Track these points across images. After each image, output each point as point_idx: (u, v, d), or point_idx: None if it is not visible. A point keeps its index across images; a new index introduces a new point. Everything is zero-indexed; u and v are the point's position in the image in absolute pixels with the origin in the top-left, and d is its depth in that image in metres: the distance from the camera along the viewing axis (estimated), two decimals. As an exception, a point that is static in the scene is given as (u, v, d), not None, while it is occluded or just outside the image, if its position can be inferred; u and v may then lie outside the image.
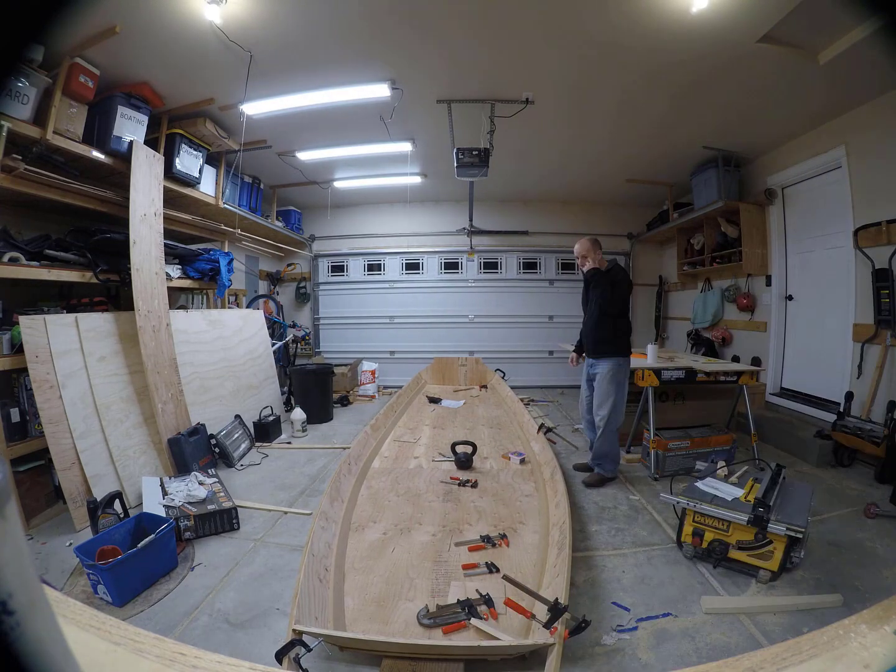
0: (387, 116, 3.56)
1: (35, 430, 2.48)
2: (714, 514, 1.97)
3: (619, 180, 5.28)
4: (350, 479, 2.65)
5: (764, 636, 1.58)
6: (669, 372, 3.23)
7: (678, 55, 2.77)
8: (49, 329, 2.48)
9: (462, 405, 4.77)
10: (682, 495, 2.09)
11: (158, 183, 3.17)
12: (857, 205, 3.40)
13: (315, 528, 1.92)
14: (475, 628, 1.52)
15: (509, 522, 2.26)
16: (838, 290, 3.66)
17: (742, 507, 1.94)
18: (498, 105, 3.44)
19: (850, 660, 0.55)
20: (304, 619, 1.41)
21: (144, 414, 2.91)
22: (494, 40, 2.70)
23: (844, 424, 3.11)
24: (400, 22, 2.53)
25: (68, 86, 2.53)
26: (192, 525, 2.26)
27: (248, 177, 4.79)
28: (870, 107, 3.21)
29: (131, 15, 2.32)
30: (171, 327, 3.19)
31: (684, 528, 2.07)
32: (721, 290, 5.10)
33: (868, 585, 1.83)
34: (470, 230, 6.30)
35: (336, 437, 4.03)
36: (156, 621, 1.69)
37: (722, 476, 2.24)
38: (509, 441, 3.55)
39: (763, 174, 4.39)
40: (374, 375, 5.89)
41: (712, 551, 1.97)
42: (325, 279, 6.70)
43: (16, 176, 2.43)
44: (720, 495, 2.06)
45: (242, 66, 2.82)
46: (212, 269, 4.03)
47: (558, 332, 6.31)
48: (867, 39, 2.40)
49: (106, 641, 0.66)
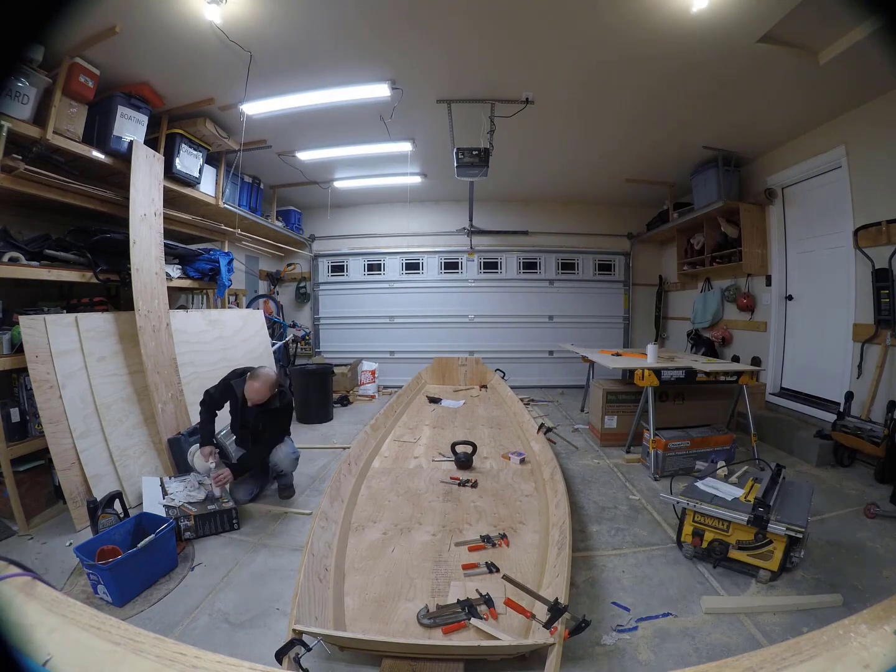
0: (387, 116, 3.56)
1: (35, 430, 2.48)
2: (714, 514, 1.97)
3: (619, 180, 5.27)
4: (350, 478, 2.64)
5: (764, 636, 1.58)
6: (669, 372, 3.23)
7: (678, 55, 2.76)
8: (49, 329, 2.48)
9: (462, 405, 4.77)
10: (681, 495, 2.09)
11: (158, 183, 3.17)
12: (856, 205, 3.40)
13: (315, 527, 1.92)
14: (475, 628, 1.52)
15: (509, 522, 2.26)
16: (838, 289, 3.66)
17: (742, 507, 1.94)
18: (498, 105, 3.44)
19: (850, 660, 0.55)
20: (304, 618, 1.41)
21: (144, 414, 2.91)
22: (494, 40, 2.70)
23: (844, 424, 3.11)
24: (400, 21, 2.53)
25: (68, 86, 2.53)
26: (192, 525, 2.26)
27: (248, 177, 4.79)
28: (870, 107, 3.21)
29: (131, 15, 2.32)
30: (171, 327, 3.19)
31: (684, 528, 2.07)
32: (721, 290, 5.10)
33: (868, 585, 1.83)
34: (470, 230, 6.30)
35: (336, 437, 4.03)
36: (156, 621, 1.69)
37: (722, 476, 2.24)
38: (509, 441, 3.55)
39: (763, 174, 4.39)
40: (374, 375, 5.89)
41: (712, 551, 1.97)
42: (325, 279, 6.71)
43: (16, 176, 2.43)
44: (720, 495, 2.05)
45: (242, 66, 2.82)
46: (212, 269, 4.03)
47: (558, 332, 6.32)
48: (867, 39, 2.40)
49: (106, 641, 0.66)
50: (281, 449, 2.67)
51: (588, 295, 6.51)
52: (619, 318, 6.60)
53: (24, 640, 0.62)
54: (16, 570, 0.80)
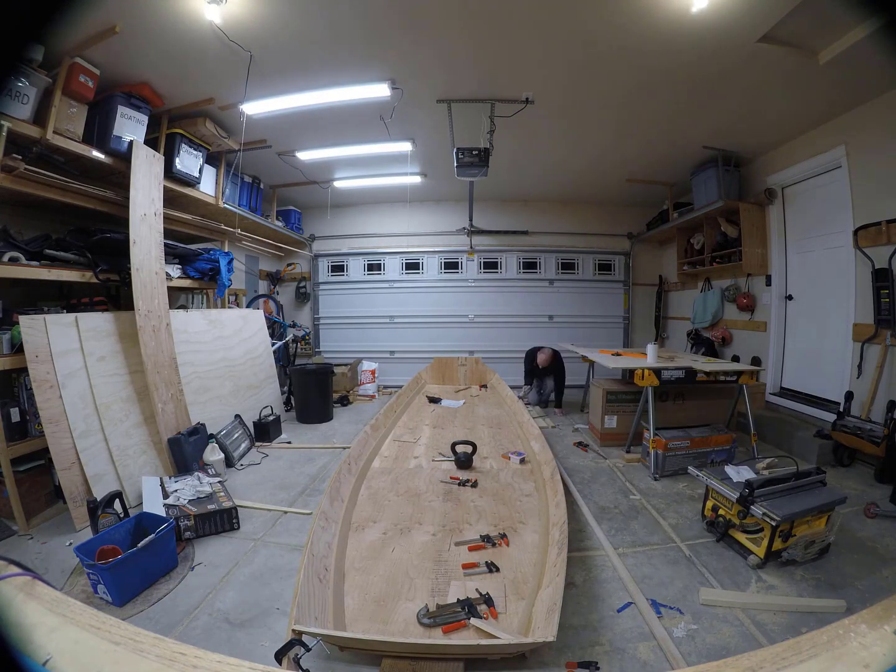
0: (387, 116, 3.56)
1: (35, 430, 2.48)
2: (717, 489, 2.22)
3: (619, 180, 5.27)
4: (350, 478, 2.65)
5: (764, 636, 1.58)
6: (669, 372, 3.23)
7: (678, 55, 2.76)
8: (49, 329, 2.48)
9: (462, 405, 4.77)
10: (704, 472, 2.37)
11: (158, 183, 3.17)
12: (856, 204, 3.40)
13: (315, 527, 1.92)
14: (475, 627, 1.52)
15: (509, 522, 2.26)
16: (838, 289, 3.66)
17: (740, 489, 2.08)
18: (498, 105, 3.44)
19: (850, 660, 0.55)
20: (304, 618, 1.41)
21: (144, 414, 2.91)
22: (494, 40, 2.70)
23: (844, 424, 3.11)
24: (400, 21, 2.53)
25: (68, 85, 2.52)
26: (192, 525, 2.26)
27: (248, 176, 4.79)
28: (870, 107, 3.21)
29: (131, 15, 2.32)
30: (171, 327, 3.19)
31: (707, 503, 2.36)
32: (721, 289, 5.10)
33: (868, 585, 1.83)
34: (470, 230, 6.30)
35: (336, 436, 4.03)
36: (156, 621, 1.69)
37: (760, 467, 2.38)
38: (509, 441, 3.55)
39: (763, 174, 4.39)
40: (374, 375, 5.89)
41: (718, 525, 2.21)
42: (325, 279, 6.71)
43: (16, 176, 2.43)
44: (736, 478, 2.21)
45: (242, 66, 2.82)
46: (212, 269, 4.03)
47: (558, 332, 6.32)
48: (867, 39, 2.39)
49: (106, 641, 0.66)
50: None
51: (588, 295, 6.51)
52: (619, 317, 6.60)
53: (24, 640, 0.62)
54: (16, 570, 0.80)
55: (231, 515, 2.37)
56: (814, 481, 2.15)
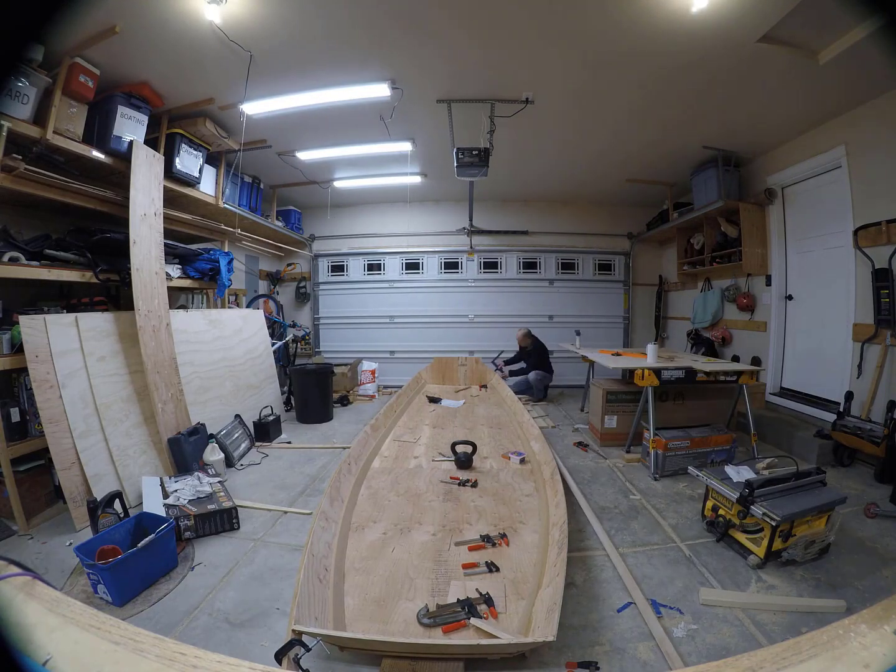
0: (387, 116, 3.56)
1: (35, 430, 2.48)
2: (717, 489, 2.22)
3: (619, 180, 5.27)
4: (350, 478, 2.65)
5: (764, 636, 1.58)
6: (669, 372, 3.23)
7: (679, 55, 2.76)
8: (49, 329, 2.48)
9: (462, 405, 4.77)
10: (704, 472, 2.37)
11: (158, 183, 3.17)
12: (856, 204, 3.40)
13: (315, 527, 1.92)
14: (475, 627, 1.52)
15: (509, 522, 2.26)
16: (838, 289, 3.66)
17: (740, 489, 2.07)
18: (498, 105, 3.44)
19: (850, 660, 0.55)
20: (304, 619, 1.41)
21: (144, 414, 2.91)
22: (494, 40, 2.70)
23: (844, 424, 3.11)
24: (400, 21, 2.53)
25: (68, 85, 2.52)
26: (192, 525, 2.26)
27: (248, 176, 4.79)
28: (870, 107, 3.21)
29: (131, 15, 2.32)
30: (171, 327, 3.19)
31: (707, 503, 2.36)
32: (721, 289, 5.10)
33: (868, 585, 1.83)
34: (470, 230, 6.30)
35: (336, 436, 4.03)
36: (156, 621, 1.69)
37: (760, 467, 2.37)
38: (509, 441, 3.56)
39: (763, 174, 4.39)
40: (374, 375, 5.89)
41: (718, 524, 2.21)
42: (325, 279, 6.71)
43: (16, 176, 2.43)
44: (736, 478, 2.20)
45: (242, 66, 2.82)
46: (212, 269, 4.03)
47: (558, 332, 6.31)
48: (867, 39, 2.39)
49: (106, 641, 0.66)
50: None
51: (588, 295, 6.51)
52: (619, 317, 6.60)
53: (24, 640, 0.62)
54: (16, 570, 0.80)
55: (231, 515, 2.36)
56: (814, 481, 2.15)
